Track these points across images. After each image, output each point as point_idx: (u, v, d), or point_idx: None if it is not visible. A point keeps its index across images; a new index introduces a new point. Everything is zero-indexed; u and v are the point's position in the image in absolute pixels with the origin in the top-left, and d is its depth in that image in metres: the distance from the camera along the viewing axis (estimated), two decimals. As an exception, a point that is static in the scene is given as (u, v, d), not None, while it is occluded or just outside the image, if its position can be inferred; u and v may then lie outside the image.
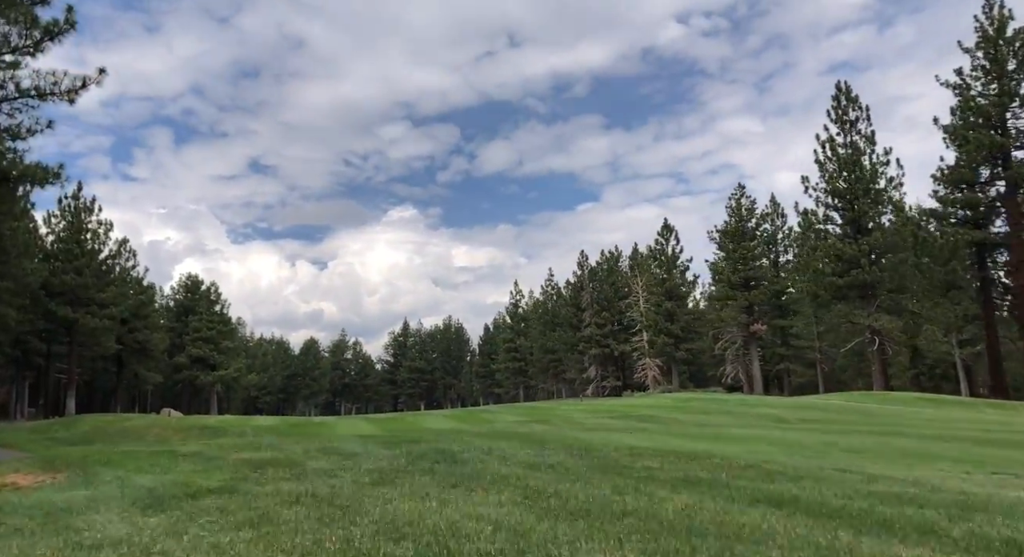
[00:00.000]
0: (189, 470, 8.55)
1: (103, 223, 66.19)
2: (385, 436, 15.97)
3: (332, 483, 7.29)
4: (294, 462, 9.04)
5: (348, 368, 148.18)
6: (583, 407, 37.95)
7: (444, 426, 27.04)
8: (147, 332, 71.01)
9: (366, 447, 10.97)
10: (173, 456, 10.11)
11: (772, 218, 58.81)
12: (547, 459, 8.57)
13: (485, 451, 9.75)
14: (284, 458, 9.49)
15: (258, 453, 10.52)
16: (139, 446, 15.67)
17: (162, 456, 10.21)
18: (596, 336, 78.27)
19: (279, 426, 32.09)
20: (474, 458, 8.92)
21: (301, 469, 8.39)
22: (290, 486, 7.18)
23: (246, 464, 8.91)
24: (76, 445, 24.54)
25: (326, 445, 11.51)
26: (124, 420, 38.01)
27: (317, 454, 10.10)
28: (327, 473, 8.02)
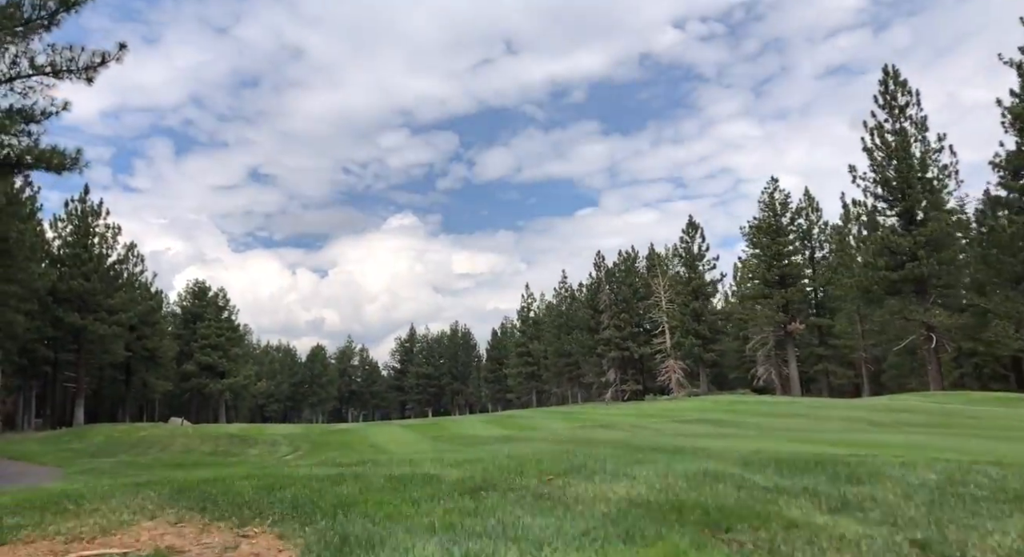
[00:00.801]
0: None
1: (111, 227, 64.22)
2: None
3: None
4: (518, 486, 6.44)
5: (354, 375, 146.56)
6: (628, 411, 35.95)
7: (494, 433, 25.07)
8: (156, 339, 68.98)
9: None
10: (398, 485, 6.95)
11: (807, 212, 56.63)
12: (798, 483, 6.34)
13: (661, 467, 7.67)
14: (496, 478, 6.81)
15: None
16: (243, 468, 13.43)
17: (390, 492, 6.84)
18: (615, 338, 76.15)
19: (309, 434, 30.09)
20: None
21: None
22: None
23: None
24: (97, 457, 22.53)
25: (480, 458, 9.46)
26: (138, 430, 35.98)
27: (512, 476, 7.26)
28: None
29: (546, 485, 5.94)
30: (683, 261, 63.03)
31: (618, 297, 78.06)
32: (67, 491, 6.13)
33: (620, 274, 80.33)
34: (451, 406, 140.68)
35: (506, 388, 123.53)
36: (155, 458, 17.98)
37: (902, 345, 40.45)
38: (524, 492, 5.66)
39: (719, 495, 5.49)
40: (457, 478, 6.39)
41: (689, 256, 62.79)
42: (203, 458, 20.02)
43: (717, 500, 5.28)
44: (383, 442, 24.78)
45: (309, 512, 4.85)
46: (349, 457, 18.44)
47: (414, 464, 8.20)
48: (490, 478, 6.27)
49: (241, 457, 21.80)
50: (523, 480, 6.21)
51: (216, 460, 19.66)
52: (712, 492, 5.61)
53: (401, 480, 6.35)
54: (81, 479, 10.47)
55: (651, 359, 75.38)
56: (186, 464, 15.63)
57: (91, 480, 9.95)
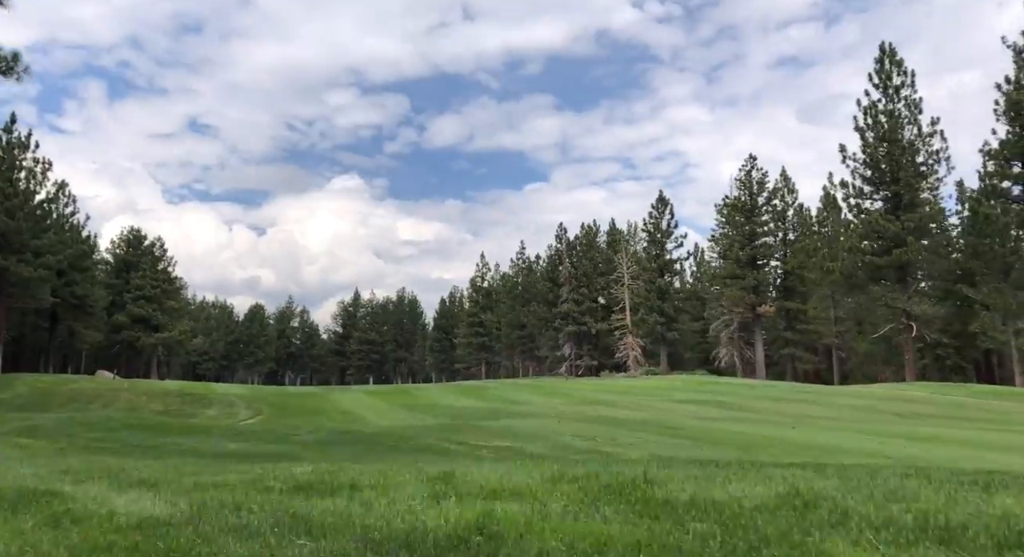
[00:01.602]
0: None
1: (40, 162, 58.99)
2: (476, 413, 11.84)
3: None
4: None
5: (293, 337, 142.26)
6: (607, 388, 34.39)
7: (473, 404, 23.00)
8: (86, 286, 64.30)
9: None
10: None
11: (782, 193, 55.54)
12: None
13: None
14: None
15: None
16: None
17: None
18: (573, 313, 74.78)
19: (264, 396, 27.40)
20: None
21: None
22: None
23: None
24: (27, 411, 19.49)
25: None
26: (67, 382, 32.57)
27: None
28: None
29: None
30: (650, 237, 61.53)
31: (578, 271, 76.56)
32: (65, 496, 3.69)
33: (581, 248, 78.80)
34: (393, 374, 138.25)
35: (453, 358, 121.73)
36: (105, 416, 15.36)
37: (879, 333, 39.81)
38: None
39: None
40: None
41: (657, 232, 61.38)
42: (157, 418, 17.33)
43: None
44: (354, 409, 22.42)
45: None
46: (319, 423, 16.03)
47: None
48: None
49: (198, 418, 19.20)
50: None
51: (173, 421, 17.05)
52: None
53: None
54: (40, 452, 8.05)
55: (608, 335, 74.36)
56: (147, 426, 13.08)
57: (60, 456, 7.49)
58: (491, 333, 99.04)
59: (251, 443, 10.63)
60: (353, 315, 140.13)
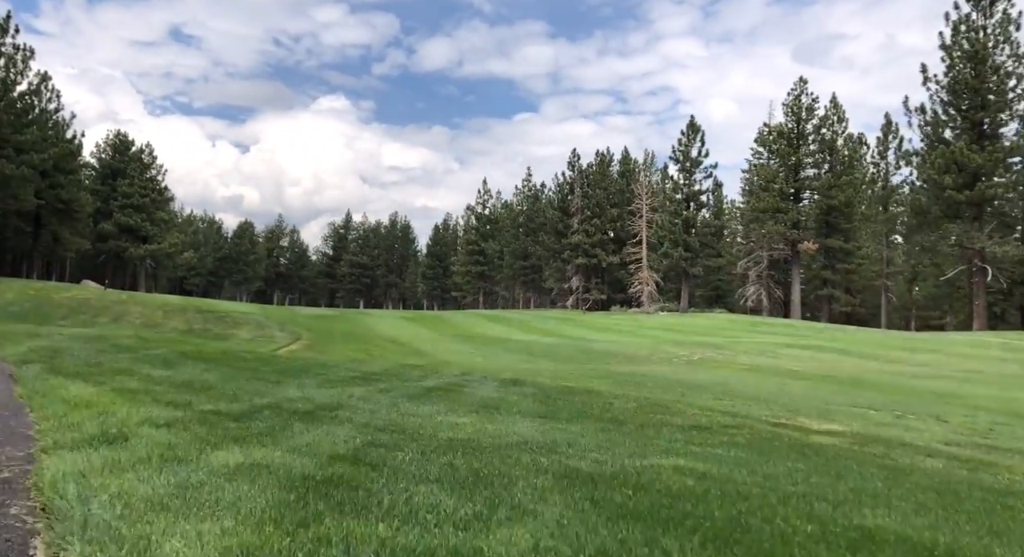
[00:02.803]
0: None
1: (21, 49, 53.74)
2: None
3: None
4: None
5: (283, 256, 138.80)
6: (652, 325, 31.64)
7: (524, 337, 19.98)
8: (72, 189, 59.94)
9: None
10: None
11: (832, 123, 51.43)
12: None
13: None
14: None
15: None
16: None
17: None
18: (584, 244, 71.65)
19: (294, 317, 24.19)
20: None
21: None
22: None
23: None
24: (25, 322, 16.23)
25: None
26: (60, 290, 29.18)
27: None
28: None
29: None
30: (679, 165, 57.67)
31: (591, 201, 73.06)
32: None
33: (594, 177, 75.02)
34: (383, 299, 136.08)
35: (445, 287, 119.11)
36: (135, 336, 12.35)
37: (948, 276, 37.00)
38: None
39: None
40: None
41: (686, 161, 57.49)
42: (188, 337, 14.26)
43: None
44: (402, 337, 19.27)
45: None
46: (380, 354, 12.92)
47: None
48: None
49: (231, 341, 16.14)
50: None
51: (210, 342, 13.93)
52: None
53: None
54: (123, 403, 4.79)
55: (619, 269, 71.60)
56: (205, 356, 9.97)
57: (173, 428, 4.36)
58: (491, 263, 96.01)
59: (383, 387, 7.56)
60: (344, 238, 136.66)
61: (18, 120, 51.86)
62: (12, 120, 51.04)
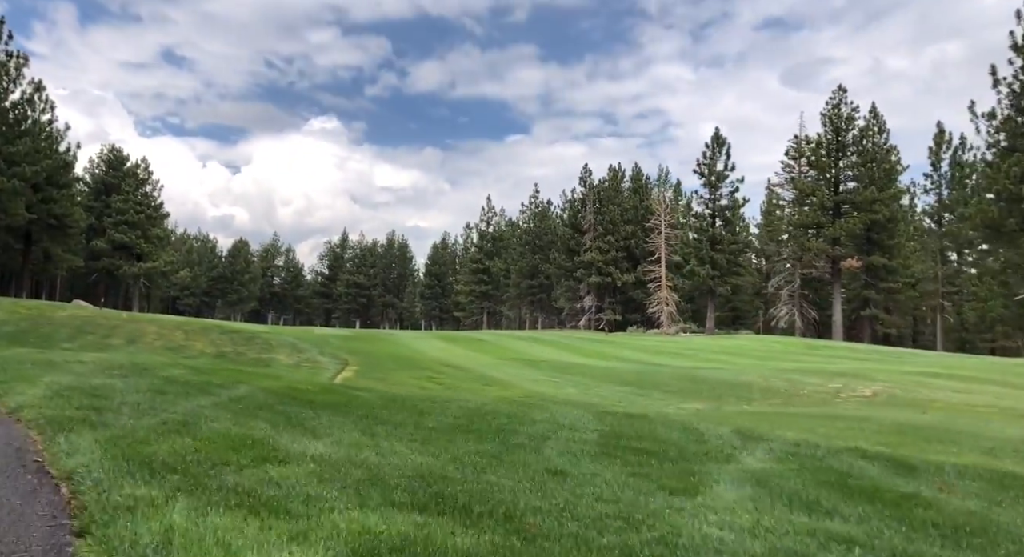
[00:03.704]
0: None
1: (14, 55, 51.17)
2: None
3: None
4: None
5: (277, 276, 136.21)
6: (693, 347, 29.10)
7: (607, 365, 17.41)
8: (65, 204, 57.01)
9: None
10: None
11: (872, 133, 49.15)
12: None
13: None
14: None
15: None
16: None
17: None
18: (597, 262, 69.32)
19: (326, 338, 21.54)
20: None
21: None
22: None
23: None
24: (27, 344, 13.54)
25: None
26: (56, 309, 26.34)
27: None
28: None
29: None
30: (704, 179, 55.40)
31: (604, 218, 70.85)
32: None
33: (606, 193, 72.91)
34: (381, 319, 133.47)
35: (444, 307, 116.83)
36: (174, 362, 9.90)
37: (1021, 296, 34.54)
38: None
39: None
40: None
41: (711, 175, 55.21)
42: (227, 364, 11.69)
43: None
44: (454, 360, 16.58)
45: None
46: (438, 381, 10.27)
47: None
48: None
49: (275, 367, 13.55)
50: None
51: (253, 368, 11.34)
52: None
53: None
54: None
55: (634, 288, 69.24)
56: (279, 393, 7.24)
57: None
58: (496, 282, 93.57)
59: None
60: (340, 257, 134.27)
61: (10, 131, 49.23)
62: (4, 131, 48.42)
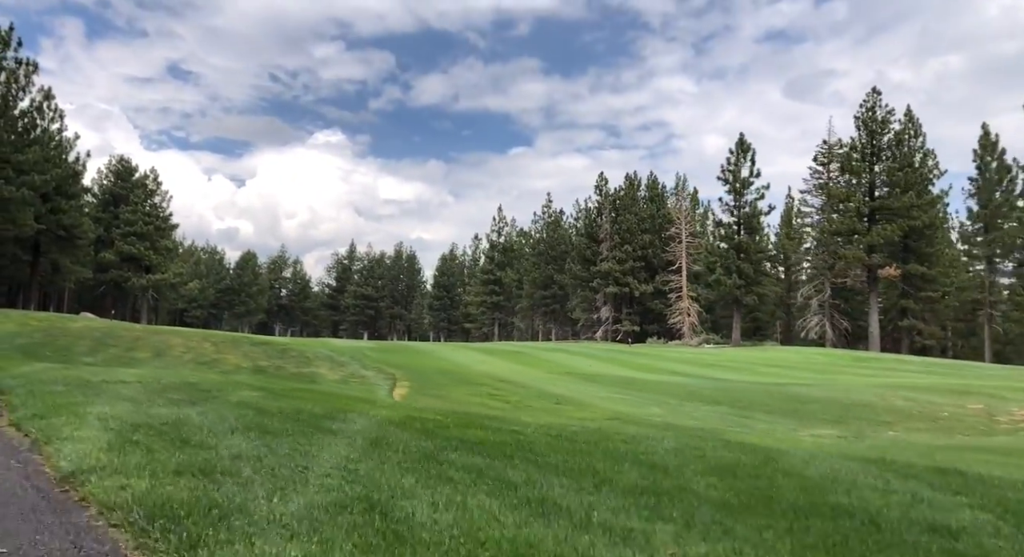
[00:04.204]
0: None
1: (24, 63, 50.18)
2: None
3: None
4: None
5: (284, 287, 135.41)
6: (734, 359, 27.66)
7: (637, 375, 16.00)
8: (74, 214, 55.90)
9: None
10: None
11: (908, 137, 47.33)
12: None
13: None
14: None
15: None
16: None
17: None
18: (615, 272, 67.92)
19: (362, 351, 20.14)
20: None
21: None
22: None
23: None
24: (44, 359, 12.19)
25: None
26: (67, 321, 25.05)
27: None
28: None
29: None
30: (728, 186, 53.85)
31: (621, 227, 69.50)
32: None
33: (622, 201, 71.62)
34: (389, 331, 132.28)
35: (452, 318, 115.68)
36: (232, 380, 8.68)
37: None
38: None
39: None
40: None
41: (736, 181, 53.72)
42: (271, 380, 10.38)
43: None
44: (504, 374, 15.16)
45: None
46: (504, 399, 8.90)
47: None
48: None
49: (322, 384, 12.21)
50: None
51: (296, 384, 9.98)
52: None
53: None
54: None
55: (652, 298, 67.82)
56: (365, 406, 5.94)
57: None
58: (507, 292, 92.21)
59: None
60: (348, 269, 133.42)
61: (19, 139, 48.15)
62: (13, 139, 47.34)
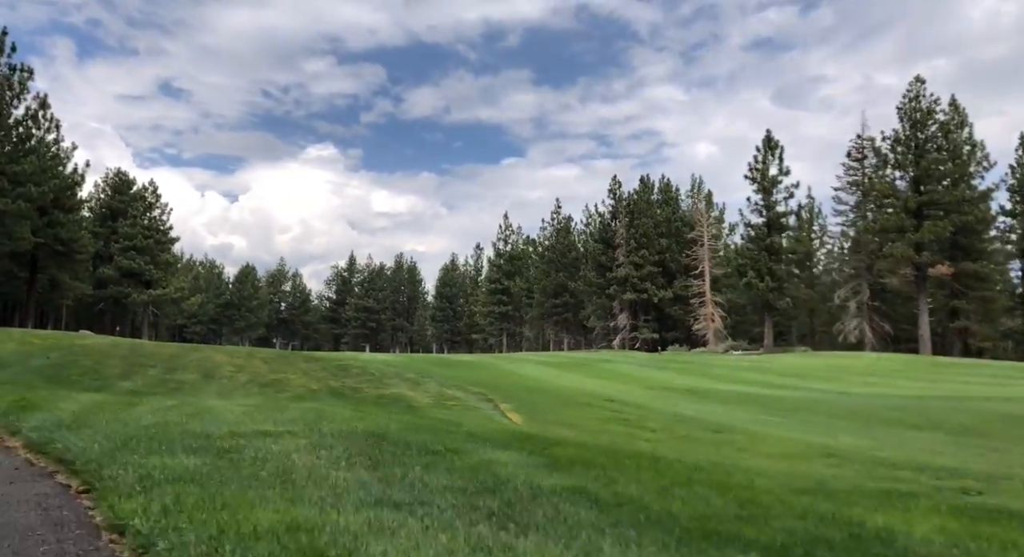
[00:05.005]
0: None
1: (17, 69, 48.02)
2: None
3: None
4: None
5: (283, 301, 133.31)
6: (819, 366, 25.54)
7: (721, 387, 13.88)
8: (73, 228, 53.51)
9: None
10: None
11: (950, 128, 44.88)
12: None
13: None
14: None
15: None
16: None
17: None
18: (632, 278, 65.82)
19: (432, 369, 17.94)
20: None
21: None
22: None
23: None
24: (71, 385, 9.96)
25: None
26: (74, 339, 22.82)
27: None
28: None
29: None
30: (756, 185, 51.60)
31: (637, 231, 67.46)
32: None
33: (638, 204, 69.61)
34: (391, 343, 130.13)
35: (456, 329, 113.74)
36: (333, 413, 6.70)
37: None
38: None
39: None
40: None
41: (764, 180, 51.57)
42: (367, 409, 8.31)
43: None
44: (598, 390, 13.04)
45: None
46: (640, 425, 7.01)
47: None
48: None
49: (419, 410, 10.08)
50: None
51: (408, 416, 7.86)
52: None
53: None
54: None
55: (672, 304, 65.73)
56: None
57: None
58: (516, 301, 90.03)
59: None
60: (348, 281, 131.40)
61: (15, 149, 45.90)
62: (8, 150, 45.09)
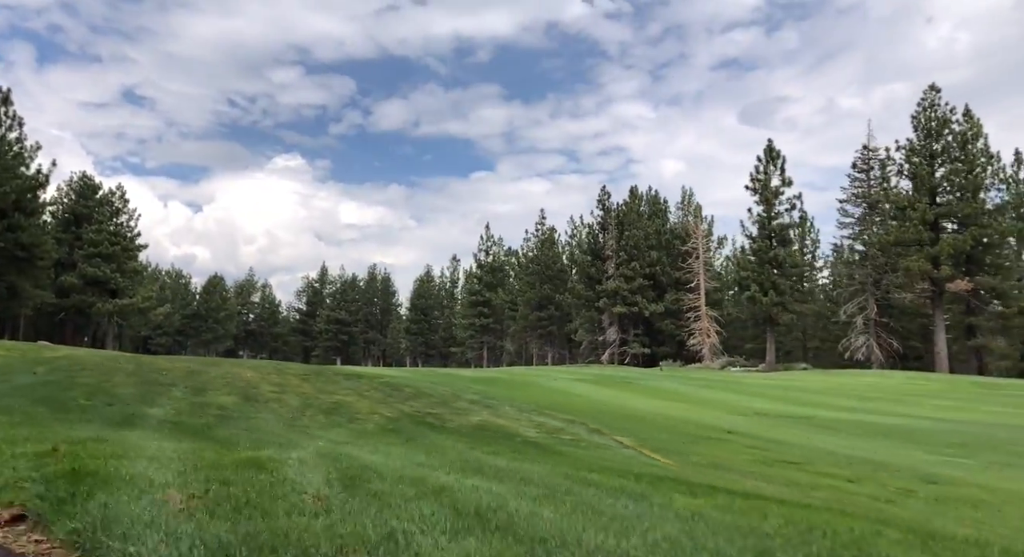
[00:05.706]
0: None
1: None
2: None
3: None
4: None
5: (254, 312, 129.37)
6: (847, 386, 23.86)
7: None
8: (35, 233, 50.09)
9: None
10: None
11: (965, 137, 43.78)
12: None
13: None
14: None
15: None
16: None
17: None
18: (622, 291, 64.21)
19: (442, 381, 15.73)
20: None
21: None
22: None
23: None
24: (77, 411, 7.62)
25: None
26: (41, 350, 20.21)
27: None
28: None
29: None
30: (758, 196, 50.27)
31: (627, 243, 65.97)
32: None
33: (627, 216, 68.18)
34: (363, 356, 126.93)
35: (431, 343, 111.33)
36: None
37: None
38: None
39: None
40: None
41: (765, 191, 50.30)
42: (469, 446, 6.27)
43: None
44: (659, 410, 11.05)
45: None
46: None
47: None
48: None
49: (514, 435, 8.00)
50: None
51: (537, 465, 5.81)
52: None
53: None
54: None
55: (662, 318, 64.23)
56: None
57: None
58: (497, 314, 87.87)
59: None
60: (319, 292, 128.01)
61: (-27, 147, 42.69)
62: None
